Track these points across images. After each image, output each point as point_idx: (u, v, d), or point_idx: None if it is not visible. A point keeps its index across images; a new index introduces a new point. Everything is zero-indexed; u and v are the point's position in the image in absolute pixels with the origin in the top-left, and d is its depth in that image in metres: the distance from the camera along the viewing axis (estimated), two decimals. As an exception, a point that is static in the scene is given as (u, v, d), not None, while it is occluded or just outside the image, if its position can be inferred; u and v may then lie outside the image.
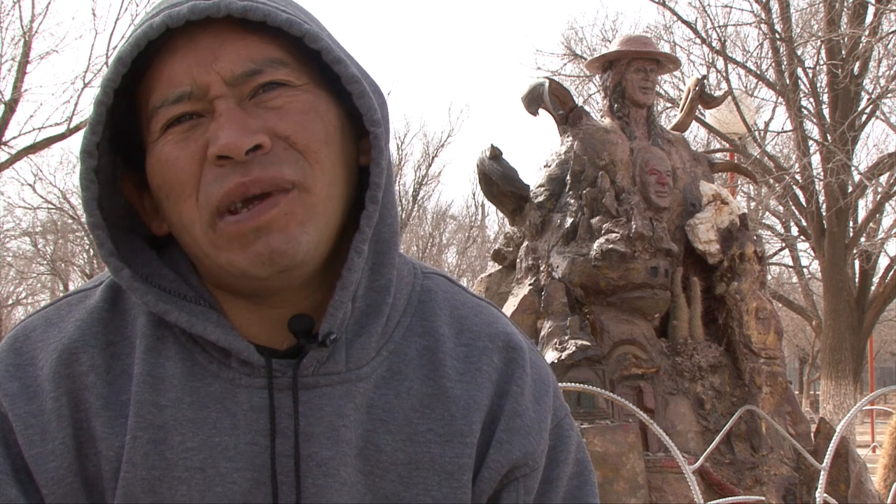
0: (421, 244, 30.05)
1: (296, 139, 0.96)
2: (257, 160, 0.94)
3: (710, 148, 18.17)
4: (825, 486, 4.78)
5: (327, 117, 0.99)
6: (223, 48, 0.96)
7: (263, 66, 0.96)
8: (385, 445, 1.01)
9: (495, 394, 1.06)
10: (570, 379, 4.91)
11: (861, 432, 19.74)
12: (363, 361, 1.02)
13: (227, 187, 0.94)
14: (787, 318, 22.63)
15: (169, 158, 0.96)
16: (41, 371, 1.01)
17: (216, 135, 0.94)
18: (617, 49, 5.81)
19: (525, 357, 1.09)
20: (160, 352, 1.01)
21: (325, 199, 0.97)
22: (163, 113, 0.96)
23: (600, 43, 18.50)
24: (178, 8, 0.95)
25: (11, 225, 24.09)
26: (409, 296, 1.08)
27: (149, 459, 0.97)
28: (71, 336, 1.02)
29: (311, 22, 1.00)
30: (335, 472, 0.98)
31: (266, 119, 0.96)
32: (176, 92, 0.96)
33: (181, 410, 0.98)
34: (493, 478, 1.04)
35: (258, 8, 0.95)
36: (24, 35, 16.04)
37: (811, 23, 15.36)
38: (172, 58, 0.96)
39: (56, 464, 0.98)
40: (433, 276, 1.13)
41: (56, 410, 0.99)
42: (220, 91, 0.95)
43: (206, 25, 0.96)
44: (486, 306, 1.13)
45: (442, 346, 1.06)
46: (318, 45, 0.96)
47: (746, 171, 7.81)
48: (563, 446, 1.10)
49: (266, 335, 1.02)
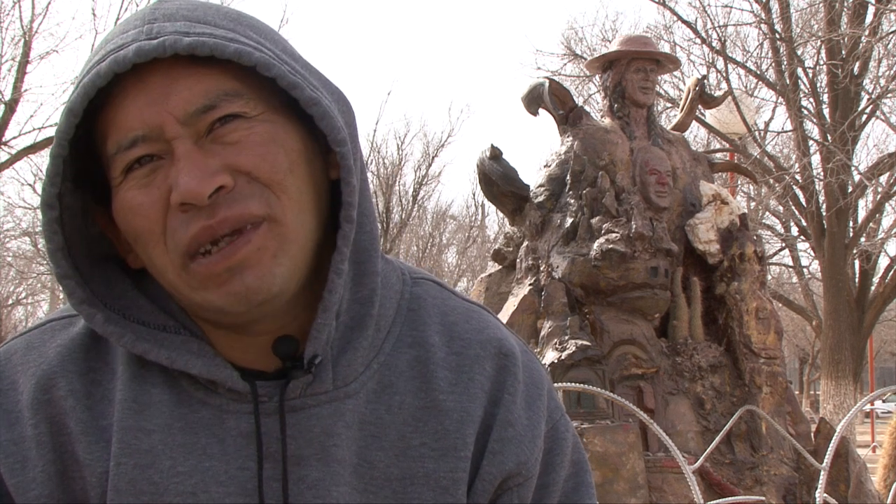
0: (421, 244, 30.05)
1: (258, 173, 0.94)
2: (221, 200, 0.92)
3: (710, 148, 18.17)
4: (825, 486, 4.78)
5: (288, 144, 0.97)
6: (174, 86, 0.93)
7: (217, 101, 0.94)
8: (378, 461, 1.00)
9: (488, 403, 1.04)
10: (570, 379, 4.91)
11: (861, 432, 19.74)
12: (351, 378, 1.01)
13: (194, 231, 0.92)
14: (787, 318, 22.63)
15: (132, 206, 0.95)
16: (21, 396, 1.00)
17: (177, 181, 0.92)
18: (617, 49, 5.81)
19: (517, 363, 1.07)
20: (145, 379, 1.00)
21: (296, 227, 0.95)
22: (120, 158, 0.95)
23: (600, 43, 18.51)
24: (123, 52, 0.92)
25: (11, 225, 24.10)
26: (397, 304, 1.07)
27: (136, 485, 0.96)
28: (50, 361, 1.01)
29: (262, 44, 0.97)
30: (327, 493, 0.97)
31: (225, 156, 0.94)
32: (129, 136, 0.94)
33: (171, 435, 0.98)
34: (487, 489, 1.03)
35: (205, 42, 0.92)
36: (24, 35, 16.03)
37: (811, 23, 15.37)
38: (123, 101, 0.94)
39: (37, 492, 0.97)
40: (422, 281, 1.11)
41: (36, 437, 0.98)
42: (174, 132, 0.93)
43: (155, 64, 0.93)
44: (477, 311, 1.11)
45: (433, 356, 1.04)
46: (272, 72, 0.94)
47: (746, 171, 7.82)
48: (558, 449, 1.09)
49: (250, 358, 1.01)
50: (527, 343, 5.44)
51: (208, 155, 0.93)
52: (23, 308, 30.89)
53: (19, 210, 23.50)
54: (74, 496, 0.98)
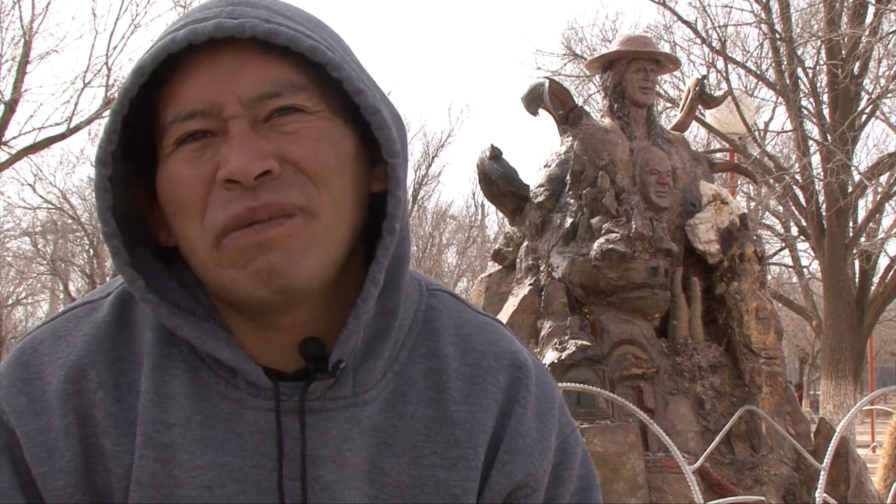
0: (421, 244, 30.04)
1: (306, 164, 0.95)
2: (266, 185, 0.93)
3: (710, 148, 18.17)
4: (825, 486, 4.78)
5: (341, 145, 0.98)
6: (243, 69, 0.95)
7: (282, 90, 0.95)
8: (390, 469, 1.01)
9: (500, 414, 1.05)
10: (570, 379, 4.91)
11: (861, 432, 19.74)
12: (369, 385, 1.02)
13: (235, 211, 0.93)
14: (787, 318, 22.63)
15: (178, 177, 0.95)
16: (49, 386, 1.00)
17: (227, 158, 0.93)
18: (617, 49, 5.81)
19: (530, 376, 1.08)
20: (167, 370, 1.00)
21: (331, 225, 0.96)
22: (175, 128, 0.96)
23: (600, 43, 18.50)
24: (202, 24, 0.94)
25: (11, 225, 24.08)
26: (413, 315, 1.07)
27: (157, 478, 0.97)
28: (79, 351, 1.01)
29: (335, 48, 0.98)
30: (340, 496, 0.98)
31: (278, 143, 0.95)
32: (189, 108, 0.95)
33: (190, 429, 0.98)
34: (496, 500, 1.04)
35: (283, 32, 0.94)
36: (24, 35, 16.03)
37: (811, 23, 15.36)
38: (191, 74, 0.95)
39: (64, 482, 0.98)
40: (438, 293, 1.12)
41: (64, 428, 0.98)
42: (234, 111, 0.94)
43: (229, 44, 0.95)
44: (491, 323, 1.12)
45: (447, 367, 1.05)
46: (341, 74, 0.95)
47: (746, 171, 7.81)
48: (567, 463, 1.09)
49: (272, 357, 1.01)
50: (527, 343, 5.43)
51: (262, 139, 0.94)
52: (23, 308, 30.87)
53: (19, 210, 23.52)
54: (97, 488, 0.99)
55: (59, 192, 23.32)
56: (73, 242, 25.57)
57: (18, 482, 0.98)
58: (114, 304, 1.05)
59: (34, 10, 16.38)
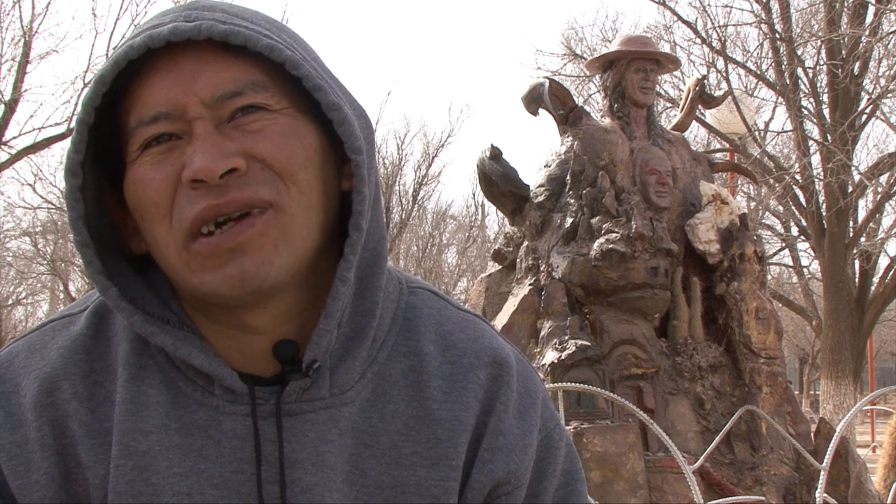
0: (421, 244, 30.04)
1: (272, 161, 0.95)
2: (232, 182, 0.94)
3: (710, 148, 18.16)
4: (825, 486, 4.78)
5: (306, 140, 0.98)
6: (203, 70, 0.95)
7: (243, 89, 0.96)
8: (370, 469, 1.00)
9: (480, 412, 1.05)
10: (570, 379, 4.91)
11: (861, 432, 19.74)
12: (347, 386, 1.01)
13: (200, 208, 0.93)
14: (787, 318, 22.63)
15: (144, 180, 0.96)
16: (24, 399, 1.00)
17: (191, 158, 0.93)
18: (617, 49, 5.81)
19: (511, 372, 1.08)
20: (143, 379, 1.00)
21: (300, 221, 0.96)
22: (140, 133, 0.96)
23: (600, 43, 18.49)
24: (159, 29, 0.94)
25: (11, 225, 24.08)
26: (393, 314, 1.07)
27: (134, 486, 0.97)
28: (53, 364, 1.02)
29: (294, 47, 0.99)
30: (321, 498, 0.98)
31: (243, 142, 0.95)
32: (152, 112, 0.95)
33: (168, 437, 0.98)
34: (477, 498, 1.04)
35: (240, 32, 0.94)
36: (24, 35, 16.03)
37: (811, 23, 15.36)
38: (152, 78, 0.96)
39: (40, 494, 0.98)
40: (418, 290, 1.12)
41: (39, 440, 0.99)
42: (197, 112, 0.95)
43: (187, 47, 0.95)
44: (472, 320, 1.12)
45: (427, 365, 1.05)
46: (299, 71, 0.96)
47: (746, 171, 7.81)
48: (550, 458, 1.09)
49: (247, 362, 1.01)
50: (527, 343, 5.41)
51: (226, 139, 0.95)
52: (23, 308, 30.87)
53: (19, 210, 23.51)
54: (77, 499, 0.99)
55: (59, 192, 23.31)
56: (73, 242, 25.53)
57: None
58: (90, 317, 1.06)
59: (34, 10, 16.41)
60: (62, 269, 25.50)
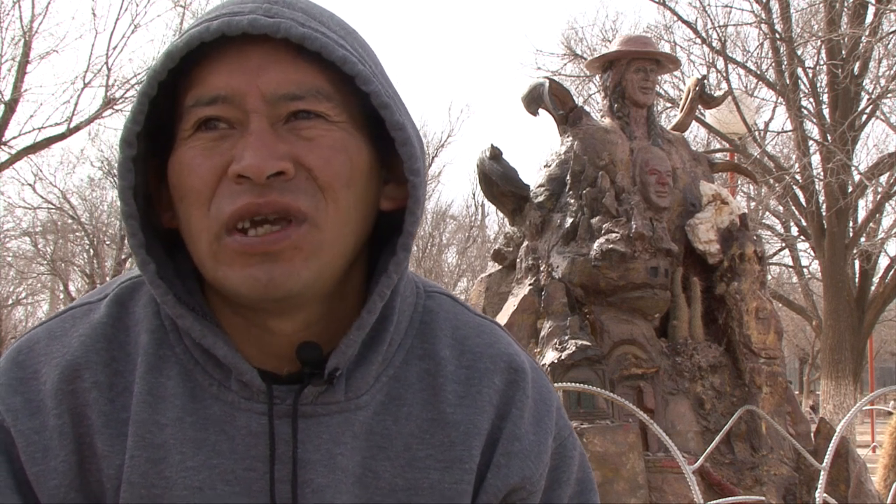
0: (421, 244, 30.02)
1: (318, 173, 0.95)
2: (277, 185, 0.93)
3: (710, 148, 18.16)
4: (825, 486, 4.78)
5: (356, 159, 0.98)
6: (271, 66, 0.95)
7: (306, 94, 0.95)
8: (384, 472, 1.01)
9: (496, 416, 1.05)
10: (570, 379, 4.91)
11: (861, 432, 19.74)
12: (362, 390, 1.02)
13: (241, 204, 0.93)
14: (787, 318, 22.63)
15: (191, 164, 0.96)
16: (44, 386, 1.00)
17: (242, 154, 0.93)
18: (617, 49, 5.81)
19: (527, 379, 1.08)
20: (161, 370, 1.01)
21: (334, 238, 0.96)
22: (196, 112, 0.96)
23: (600, 43, 18.49)
24: (238, 18, 0.94)
25: (11, 225, 24.08)
26: (410, 317, 1.07)
27: (147, 478, 0.97)
28: (74, 352, 1.01)
29: (365, 60, 0.98)
30: (331, 499, 0.98)
31: (294, 146, 0.95)
32: (212, 93, 0.95)
33: (182, 430, 0.98)
34: (491, 502, 1.04)
35: (316, 38, 0.94)
36: (24, 35, 16.04)
37: (811, 23, 15.36)
38: (220, 63, 0.96)
39: (58, 481, 0.98)
40: (435, 294, 1.12)
41: (58, 428, 0.98)
42: (256, 105, 0.94)
43: (260, 41, 0.95)
44: (489, 325, 1.12)
45: (442, 369, 1.05)
46: (369, 87, 0.95)
47: (746, 171, 7.81)
48: (564, 467, 1.09)
49: (265, 359, 1.01)
50: (527, 343, 5.41)
51: (279, 140, 0.94)
52: (23, 308, 30.87)
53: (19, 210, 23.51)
54: (90, 488, 0.99)
55: (59, 192, 23.33)
56: (73, 242, 25.55)
57: (14, 482, 0.98)
58: (111, 305, 1.05)
59: (34, 10, 16.41)
60: (62, 269, 25.49)
